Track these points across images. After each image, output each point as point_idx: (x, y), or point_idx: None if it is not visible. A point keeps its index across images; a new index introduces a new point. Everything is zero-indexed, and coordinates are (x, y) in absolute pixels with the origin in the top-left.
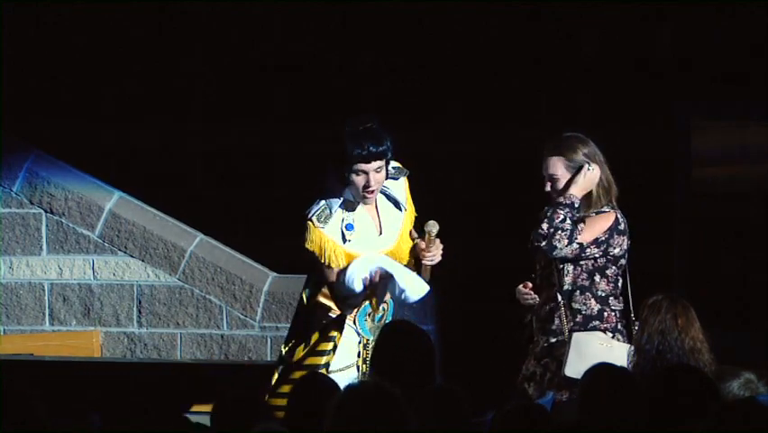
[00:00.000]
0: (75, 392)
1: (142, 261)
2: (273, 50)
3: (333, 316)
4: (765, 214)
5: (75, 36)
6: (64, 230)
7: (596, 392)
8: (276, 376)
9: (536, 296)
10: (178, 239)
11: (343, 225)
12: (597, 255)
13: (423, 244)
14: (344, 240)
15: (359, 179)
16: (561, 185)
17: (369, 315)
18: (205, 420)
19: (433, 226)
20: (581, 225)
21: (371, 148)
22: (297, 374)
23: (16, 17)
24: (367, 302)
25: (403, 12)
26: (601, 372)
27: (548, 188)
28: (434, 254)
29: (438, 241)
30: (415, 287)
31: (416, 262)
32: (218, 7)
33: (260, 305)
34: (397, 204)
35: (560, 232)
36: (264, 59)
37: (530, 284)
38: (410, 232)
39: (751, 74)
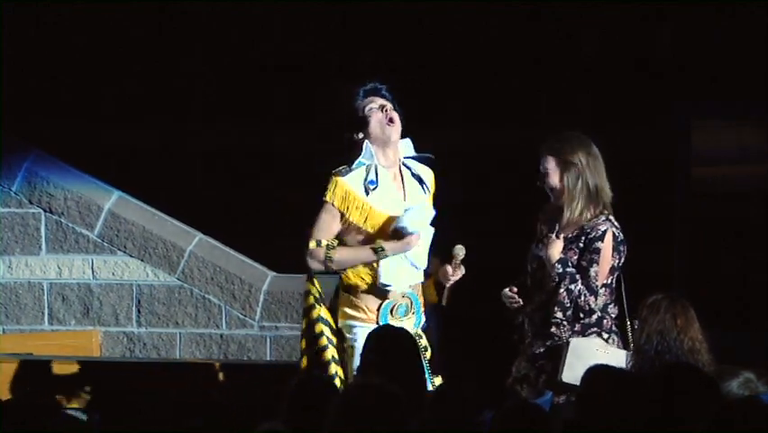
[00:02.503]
0: (74, 392)
1: (142, 260)
2: (273, 50)
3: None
4: (765, 214)
5: (75, 36)
6: (63, 230)
7: (594, 394)
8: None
9: (520, 300)
10: (178, 239)
11: (366, 180)
12: (617, 276)
13: (449, 268)
14: (366, 193)
15: (376, 112)
16: (551, 181)
17: (392, 313)
18: None
19: (460, 250)
20: (594, 267)
21: (373, 84)
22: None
23: (16, 17)
24: (387, 301)
25: (403, 12)
26: (599, 373)
27: (540, 182)
28: (457, 278)
29: (462, 266)
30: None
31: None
32: (218, 7)
33: (260, 304)
34: (421, 182)
35: (580, 300)
36: (264, 59)
37: (515, 288)
38: None
39: (751, 74)
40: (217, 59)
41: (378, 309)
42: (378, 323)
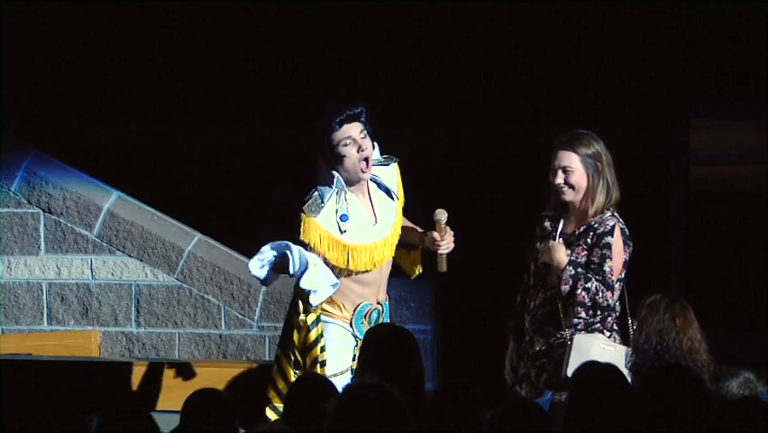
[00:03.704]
0: (73, 392)
1: (141, 260)
2: (273, 50)
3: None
4: (765, 214)
5: (75, 36)
6: (62, 230)
7: (585, 389)
8: (279, 380)
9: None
10: (177, 239)
11: (338, 216)
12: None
13: (436, 234)
14: (340, 231)
15: (351, 150)
16: (573, 178)
17: (365, 316)
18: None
19: (441, 214)
20: (608, 262)
21: (346, 111)
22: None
23: (16, 17)
24: (364, 302)
25: (403, 12)
26: (588, 370)
27: (560, 179)
28: (448, 242)
29: (448, 228)
30: (321, 283)
31: (423, 255)
32: (218, 8)
33: (259, 304)
34: (388, 192)
35: (598, 296)
36: (264, 59)
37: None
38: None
39: (751, 74)
40: (217, 59)
41: (354, 310)
42: (351, 324)
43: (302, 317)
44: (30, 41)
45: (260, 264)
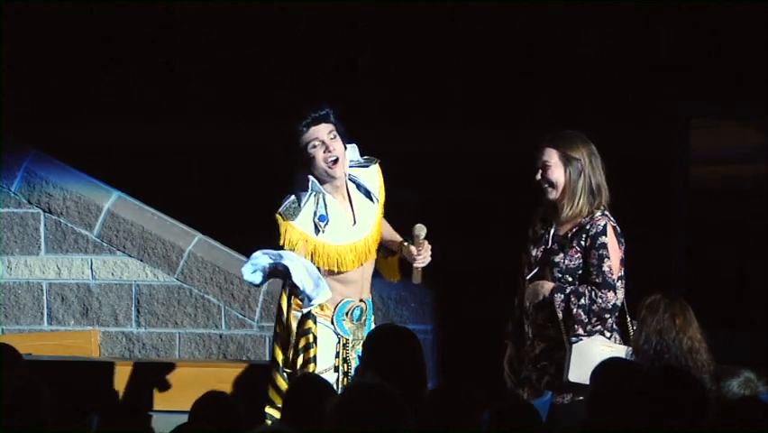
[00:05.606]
0: (73, 392)
1: (141, 260)
2: (273, 51)
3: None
4: (765, 214)
5: (75, 36)
6: (62, 230)
7: (607, 388)
8: (277, 381)
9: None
10: (177, 239)
11: (316, 217)
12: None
13: (413, 249)
14: (317, 231)
15: (318, 152)
16: (551, 174)
17: (347, 314)
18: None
19: (421, 230)
20: (606, 261)
21: (311, 114)
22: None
23: (16, 17)
24: (346, 299)
25: (403, 12)
26: (611, 366)
27: (539, 176)
28: (425, 257)
29: (426, 243)
30: (313, 289)
31: (401, 264)
32: (218, 8)
33: (259, 305)
34: (368, 194)
35: (594, 306)
36: (264, 59)
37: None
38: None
39: (751, 74)
40: (217, 59)
41: (335, 308)
42: (332, 321)
43: (295, 316)
44: (30, 41)
45: (252, 269)
